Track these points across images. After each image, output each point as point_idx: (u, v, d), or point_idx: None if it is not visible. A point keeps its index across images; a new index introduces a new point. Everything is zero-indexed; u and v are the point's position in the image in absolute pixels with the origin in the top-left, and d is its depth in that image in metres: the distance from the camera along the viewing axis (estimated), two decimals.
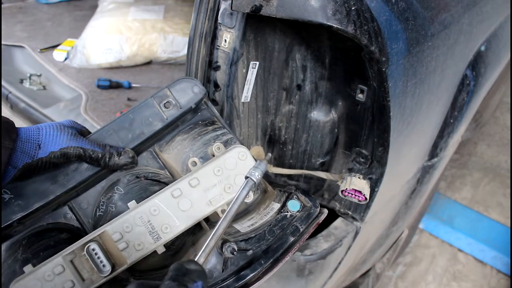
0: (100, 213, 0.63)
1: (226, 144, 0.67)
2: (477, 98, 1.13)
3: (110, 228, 0.56)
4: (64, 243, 0.59)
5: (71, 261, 0.54)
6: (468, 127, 1.26)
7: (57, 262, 0.54)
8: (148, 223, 0.57)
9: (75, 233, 0.63)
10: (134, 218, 0.57)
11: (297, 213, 0.66)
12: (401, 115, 0.75)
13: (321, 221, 0.67)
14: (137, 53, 1.87)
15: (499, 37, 1.14)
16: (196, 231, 0.65)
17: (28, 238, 0.60)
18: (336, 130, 0.85)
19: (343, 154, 0.87)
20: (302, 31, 0.76)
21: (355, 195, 0.80)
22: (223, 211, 0.62)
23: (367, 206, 0.86)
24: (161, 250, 0.59)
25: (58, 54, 1.91)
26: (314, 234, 0.90)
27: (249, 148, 0.87)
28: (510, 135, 2.46)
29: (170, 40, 1.91)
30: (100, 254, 0.54)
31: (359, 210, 0.88)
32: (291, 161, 0.91)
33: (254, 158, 0.62)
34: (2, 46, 1.91)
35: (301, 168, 0.91)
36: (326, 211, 0.67)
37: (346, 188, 0.80)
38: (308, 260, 0.86)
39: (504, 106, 2.64)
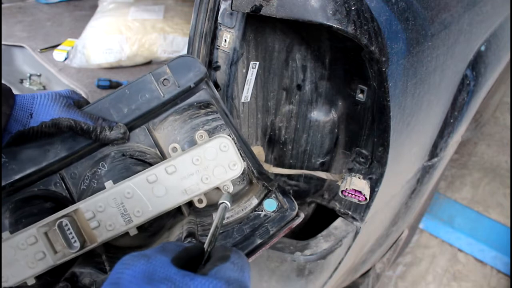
0: (84, 187, 0.63)
1: (214, 130, 0.65)
2: (477, 98, 1.13)
3: (84, 206, 0.57)
4: (47, 213, 0.60)
5: (46, 233, 0.56)
6: (468, 127, 1.26)
7: (31, 232, 0.55)
8: (121, 205, 0.58)
9: (61, 203, 0.65)
10: (108, 199, 0.57)
11: (272, 214, 0.64)
12: (401, 115, 0.75)
13: (294, 226, 0.64)
14: (137, 53, 1.87)
15: (499, 37, 1.14)
16: (177, 215, 0.65)
17: (16, 203, 0.62)
18: (336, 130, 0.85)
19: (343, 154, 0.87)
20: (302, 31, 0.76)
21: (355, 195, 0.80)
22: (199, 200, 0.61)
23: (367, 206, 0.86)
24: (133, 232, 0.60)
25: (58, 54, 1.90)
26: (314, 234, 0.90)
27: None
28: (510, 135, 2.46)
29: (170, 40, 1.91)
30: (72, 230, 0.55)
31: (359, 210, 0.88)
32: (291, 161, 0.91)
33: (236, 150, 0.60)
34: (2, 46, 1.91)
35: (301, 168, 0.91)
36: (302, 216, 0.64)
37: (346, 188, 0.80)
38: (308, 260, 0.86)
39: (504, 106, 2.64)
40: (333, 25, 0.58)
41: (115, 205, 0.57)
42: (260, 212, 0.64)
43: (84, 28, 1.93)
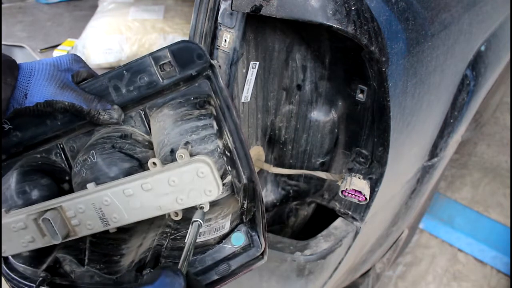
0: (75, 171, 0.65)
1: (202, 141, 0.62)
2: (477, 98, 1.13)
3: (66, 205, 0.60)
4: (42, 190, 0.66)
5: (35, 219, 0.60)
6: (468, 127, 1.26)
7: (20, 219, 0.60)
8: (100, 210, 0.60)
9: (58, 178, 0.69)
10: (87, 203, 0.60)
11: (238, 249, 0.60)
12: (401, 115, 0.75)
13: (256, 267, 0.61)
14: (137, 53, 1.87)
15: (499, 37, 1.14)
16: None
17: (17, 175, 0.66)
18: (336, 130, 0.85)
19: (343, 154, 0.87)
20: (302, 31, 0.76)
21: (355, 195, 0.80)
22: (175, 214, 0.63)
23: (367, 206, 0.86)
24: (112, 230, 0.63)
25: (58, 54, 1.90)
26: (314, 234, 0.90)
27: (249, 148, 0.85)
28: (510, 135, 2.46)
29: (170, 40, 1.91)
30: (55, 225, 0.59)
31: (359, 210, 0.88)
32: (291, 161, 0.91)
33: (215, 177, 0.59)
34: (2, 46, 1.91)
35: (301, 168, 0.91)
36: (265, 259, 0.61)
37: (346, 188, 0.80)
38: (308, 260, 0.86)
39: (504, 106, 2.64)
40: (333, 25, 0.58)
41: (94, 209, 0.60)
42: (226, 246, 0.61)
43: (84, 28, 1.93)
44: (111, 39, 1.83)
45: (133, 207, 0.60)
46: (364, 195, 0.79)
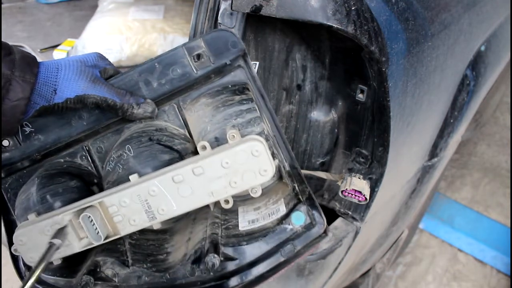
0: (109, 169, 0.61)
1: (247, 124, 0.60)
2: (477, 98, 1.13)
3: (107, 200, 0.55)
4: (72, 192, 0.61)
5: (70, 220, 0.55)
6: (468, 127, 1.26)
7: (55, 220, 0.55)
8: (145, 202, 0.56)
9: (86, 180, 0.64)
10: (132, 195, 0.55)
11: (299, 228, 0.60)
12: (401, 115, 0.75)
13: (319, 245, 0.60)
14: (137, 53, 1.87)
15: (499, 37, 1.14)
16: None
17: (42, 178, 0.61)
18: (336, 130, 0.85)
19: (343, 154, 0.87)
20: (302, 31, 0.76)
21: (355, 195, 0.80)
22: (226, 201, 0.59)
23: (367, 206, 0.86)
24: (157, 226, 0.58)
25: (58, 54, 1.91)
26: None
27: None
28: (510, 135, 2.46)
29: (170, 40, 1.91)
30: (96, 223, 0.54)
31: (359, 210, 0.88)
32: None
33: (269, 155, 0.56)
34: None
35: (301, 168, 0.91)
36: (330, 235, 0.61)
37: (346, 189, 0.80)
38: (308, 260, 0.86)
39: (504, 106, 2.64)
40: (333, 25, 0.58)
41: (139, 201, 0.55)
42: (287, 226, 0.59)
43: (84, 28, 1.93)
44: (111, 39, 1.83)
45: (183, 194, 0.56)
46: (364, 195, 0.79)
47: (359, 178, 0.81)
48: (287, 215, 0.59)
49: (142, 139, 0.60)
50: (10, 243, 0.60)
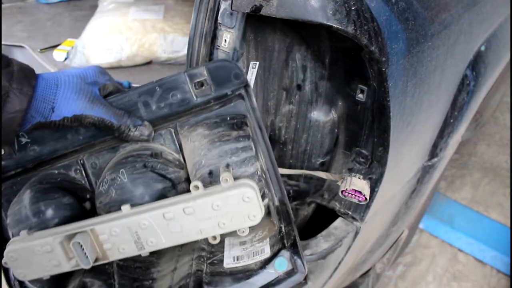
0: (102, 190, 0.61)
1: (242, 164, 0.60)
2: (477, 98, 1.13)
3: (99, 228, 0.57)
4: (64, 209, 0.61)
5: (61, 242, 0.56)
6: (468, 127, 1.26)
7: (46, 241, 0.56)
8: (135, 233, 0.57)
9: (79, 196, 0.65)
10: (122, 226, 0.56)
11: (281, 274, 0.60)
12: (401, 115, 0.75)
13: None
14: (137, 53, 1.87)
15: (499, 37, 1.14)
16: None
17: (35, 192, 0.61)
18: (336, 130, 0.85)
19: (343, 154, 0.87)
20: (302, 31, 0.76)
21: (355, 195, 0.80)
22: (213, 238, 0.60)
23: (367, 206, 0.86)
24: (145, 254, 0.59)
25: (58, 54, 1.90)
26: (314, 234, 0.90)
27: None
28: (510, 135, 2.46)
29: (170, 40, 1.91)
30: (86, 247, 0.55)
31: (359, 210, 0.88)
32: (291, 161, 0.91)
33: (259, 201, 0.57)
34: (2, 46, 1.91)
35: (301, 168, 0.91)
36: (309, 284, 0.62)
37: (346, 189, 0.80)
38: (308, 260, 0.86)
39: (504, 106, 2.64)
40: (333, 25, 0.58)
41: (129, 232, 0.57)
42: (270, 271, 0.60)
43: (84, 28, 1.93)
44: (111, 39, 1.83)
45: (173, 231, 0.57)
46: (364, 195, 0.79)
47: (359, 178, 0.81)
48: (270, 259, 0.60)
49: (136, 164, 0.61)
50: (0, 252, 0.60)
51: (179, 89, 0.61)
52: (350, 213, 0.90)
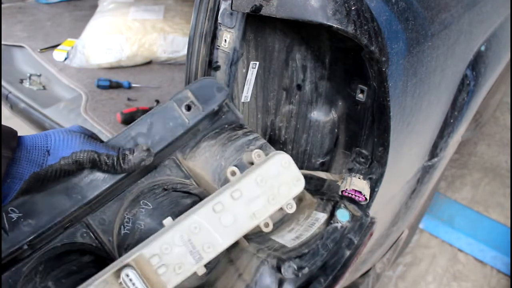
0: (126, 231, 0.58)
1: (261, 150, 0.60)
2: (477, 98, 1.13)
3: (147, 251, 0.49)
4: (88, 267, 0.55)
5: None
6: (468, 127, 1.25)
7: None
8: (189, 242, 0.51)
9: (97, 255, 0.58)
10: (173, 238, 0.50)
11: (348, 224, 0.60)
12: (401, 115, 0.75)
13: (374, 231, 0.61)
14: (137, 53, 1.87)
15: (499, 37, 1.14)
16: (231, 247, 0.58)
17: (45, 263, 0.54)
18: (336, 130, 0.85)
19: (343, 154, 0.87)
20: (302, 31, 0.76)
21: (355, 195, 0.80)
22: (266, 224, 0.57)
23: (367, 206, 0.86)
24: (201, 271, 0.53)
25: (58, 54, 1.91)
26: None
27: None
28: (510, 135, 2.46)
29: (170, 40, 1.91)
30: (136, 281, 0.47)
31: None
32: None
33: (295, 164, 0.57)
34: (2, 46, 1.91)
35: (301, 168, 0.91)
36: (376, 220, 0.62)
37: (346, 189, 0.80)
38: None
39: (504, 106, 2.64)
40: (333, 25, 0.58)
41: (182, 243, 0.51)
42: (336, 224, 0.60)
43: (84, 28, 1.93)
44: (111, 39, 1.84)
45: (226, 224, 0.53)
46: (364, 195, 0.79)
47: (359, 178, 0.81)
48: (331, 217, 0.60)
49: (156, 191, 0.59)
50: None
51: (170, 117, 0.60)
52: None
